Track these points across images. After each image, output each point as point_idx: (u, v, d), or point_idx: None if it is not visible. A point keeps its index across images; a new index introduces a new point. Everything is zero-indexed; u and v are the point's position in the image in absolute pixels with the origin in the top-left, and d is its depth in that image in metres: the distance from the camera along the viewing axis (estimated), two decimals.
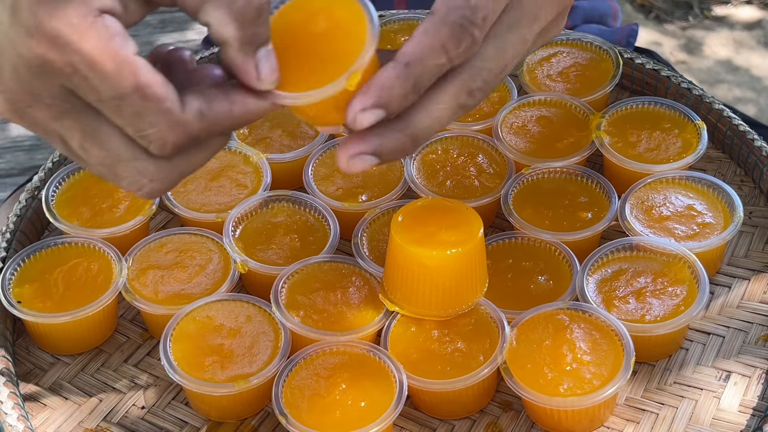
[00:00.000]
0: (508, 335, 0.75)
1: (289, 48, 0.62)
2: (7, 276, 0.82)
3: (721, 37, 2.44)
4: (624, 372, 0.72)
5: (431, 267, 0.74)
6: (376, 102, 0.61)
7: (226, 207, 0.88)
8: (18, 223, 0.89)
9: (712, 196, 0.86)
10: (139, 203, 0.89)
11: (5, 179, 2.11)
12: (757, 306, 0.83)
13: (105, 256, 0.84)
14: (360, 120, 0.61)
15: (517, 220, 0.84)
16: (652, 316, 0.77)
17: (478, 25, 0.61)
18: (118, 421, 0.78)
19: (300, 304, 0.79)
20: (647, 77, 0.99)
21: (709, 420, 0.75)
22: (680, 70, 2.32)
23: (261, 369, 0.75)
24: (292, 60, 0.62)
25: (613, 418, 0.76)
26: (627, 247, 0.81)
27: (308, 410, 0.72)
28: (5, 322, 0.83)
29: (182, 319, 0.78)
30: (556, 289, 0.80)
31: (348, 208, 0.87)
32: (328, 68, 0.62)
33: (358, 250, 0.82)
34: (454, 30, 0.60)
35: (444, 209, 0.76)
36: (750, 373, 0.78)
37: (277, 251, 0.85)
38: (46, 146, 2.17)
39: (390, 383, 0.73)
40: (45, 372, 0.82)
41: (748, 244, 0.88)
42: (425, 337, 0.76)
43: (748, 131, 0.92)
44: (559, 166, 0.89)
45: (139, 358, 0.83)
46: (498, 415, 0.77)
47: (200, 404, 0.78)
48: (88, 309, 0.80)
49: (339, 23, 0.63)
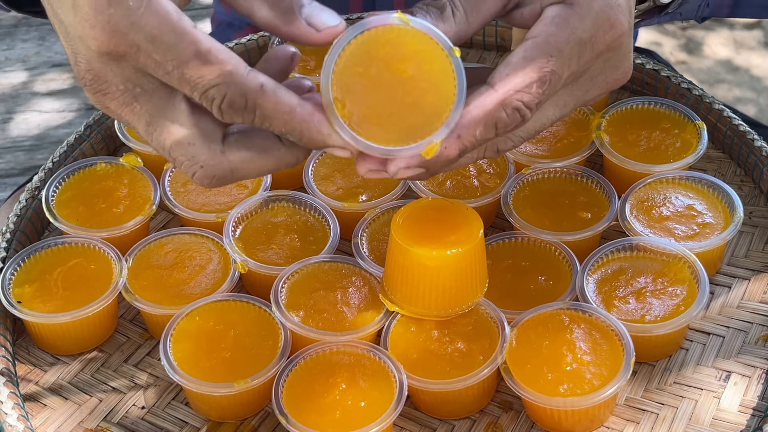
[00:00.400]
0: (508, 335, 0.75)
1: (371, 80, 0.62)
2: (7, 276, 0.82)
3: (721, 37, 2.44)
4: (624, 372, 0.72)
5: (431, 267, 0.74)
6: (422, 164, 0.64)
7: (226, 207, 0.88)
8: (18, 223, 0.89)
9: (712, 196, 0.86)
10: (139, 203, 0.89)
11: (5, 179, 2.12)
12: (757, 306, 0.83)
13: (105, 256, 0.84)
14: (401, 174, 0.65)
15: (517, 220, 0.84)
16: (652, 316, 0.77)
17: (532, 110, 0.64)
18: (118, 421, 0.78)
19: (300, 304, 0.79)
20: (647, 77, 0.99)
21: (709, 420, 0.75)
22: (680, 70, 2.32)
23: (261, 369, 0.75)
24: (372, 93, 0.62)
25: (613, 418, 0.76)
26: (627, 247, 0.81)
27: (308, 410, 0.72)
28: (5, 322, 0.83)
29: (182, 319, 0.78)
30: (556, 289, 0.80)
31: (348, 208, 0.87)
32: (407, 118, 0.62)
33: (358, 250, 0.82)
34: (510, 113, 0.64)
35: (444, 209, 0.76)
36: (750, 373, 0.78)
37: (277, 251, 0.85)
38: (46, 146, 2.18)
39: (390, 383, 0.73)
40: (45, 372, 0.82)
41: (748, 244, 0.88)
42: (425, 337, 0.76)
43: (748, 131, 0.92)
44: (559, 166, 0.89)
45: (139, 358, 0.83)
46: (498, 415, 0.77)
47: (200, 404, 0.78)
48: (88, 309, 0.80)
49: (429, 72, 0.62)
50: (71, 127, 2.21)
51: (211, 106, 0.61)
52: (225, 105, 0.61)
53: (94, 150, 0.98)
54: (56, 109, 2.27)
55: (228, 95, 0.60)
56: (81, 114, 2.25)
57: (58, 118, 2.25)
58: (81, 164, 0.92)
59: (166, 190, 0.90)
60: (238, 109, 0.61)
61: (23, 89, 2.31)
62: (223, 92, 0.60)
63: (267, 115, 0.61)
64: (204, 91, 0.60)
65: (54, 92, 2.30)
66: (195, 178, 0.64)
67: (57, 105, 2.27)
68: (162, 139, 0.63)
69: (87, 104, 2.27)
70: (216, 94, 0.60)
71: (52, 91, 2.31)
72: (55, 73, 2.35)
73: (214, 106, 0.61)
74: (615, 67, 0.70)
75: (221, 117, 0.61)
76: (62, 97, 2.29)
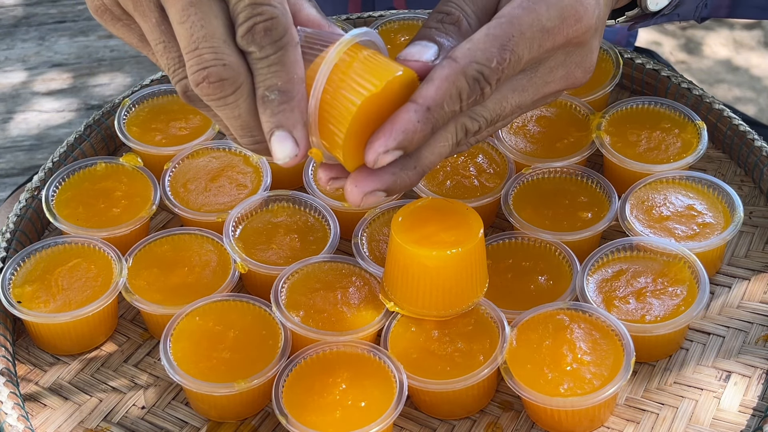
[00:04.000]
0: (508, 335, 0.75)
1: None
2: (7, 276, 0.82)
3: (720, 37, 2.44)
4: (624, 372, 0.72)
5: (431, 267, 0.74)
6: (399, 145, 0.65)
7: (226, 207, 0.88)
8: (18, 223, 0.89)
9: (712, 196, 0.86)
10: (139, 203, 0.89)
11: (5, 179, 2.12)
12: (757, 306, 0.83)
13: (105, 256, 0.84)
14: (381, 161, 0.66)
15: (517, 220, 0.84)
16: (652, 316, 0.77)
17: (491, 84, 0.67)
18: (118, 421, 0.78)
19: (300, 304, 0.79)
20: (647, 77, 0.99)
21: (709, 420, 0.75)
22: (680, 70, 2.32)
23: (261, 369, 0.75)
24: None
25: (613, 418, 0.76)
26: (627, 247, 0.81)
27: (308, 410, 0.72)
28: (5, 322, 0.83)
29: (182, 319, 0.78)
30: (556, 289, 0.80)
31: (348, 208, 0.87)
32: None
33: (358, 250, 0.82)
34: (470, 83, 0.66)
35: (444, 209, 0.76)
36: (750, 373, 0.78)
37: (277, 251, 0.85)
38: (46, 146, 2.18)
39: (390, 383, 0.73)
40: (45, 372, 0.82)
41: (748, 244, 0.88)
42: (425, 337, 0.76)
43: (748, 131, 0.92)
44: (559, 166, 0.89)
45: (139, 358, 0.83)
46: (498, 415, 0.77)
47: (200, 404, 0.78)
48: (88, 309, 0.80)
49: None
50: (71, 127, 2.21)
51: (250, 22, 0.62)
52: (263, 27, 0.62)
53: (94, 150, 0.98)
54: (56, 109, 2.27)
55: (274, 21, 0.62)
56: (81, 114, 2.25)
57: (58, 118, 2.25)
58: (81, 164, 0.92)
59: (166, 190, 0.90)
60: (272, 38, 0.62)
61: (23, 89, 2.31)
62: (271, 14, 0.62)
63: (283, 62, 0.63)
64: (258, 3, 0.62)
65: (54, 92, 2.30)
66: (210, 71, 0.63)
67: (57, 105, 2.27)
68: (196, 26, 0.63)
69: (87, 104, 2.27)
70: (264, 13, 0.62)
71: (52, 91, 2.31)
72: (55, 73, 2.35)
73: (251, 22, 0.62)
74: (577, 63, 0.73)
75: (248, 37, 0.63)
76: (62, 97, 2.29)
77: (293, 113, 0.64)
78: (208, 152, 0.93)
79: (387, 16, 1.04)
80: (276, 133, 0.65)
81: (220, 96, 0.64)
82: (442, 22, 0.70)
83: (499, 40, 0.66)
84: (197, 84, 0.64)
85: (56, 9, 2.50)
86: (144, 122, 0.96)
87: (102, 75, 2.34)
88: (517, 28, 0.67)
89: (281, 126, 0.64)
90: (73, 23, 2.46)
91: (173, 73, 0.67)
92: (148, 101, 0.98)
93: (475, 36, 0.67)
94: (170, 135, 0.95)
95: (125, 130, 0.95)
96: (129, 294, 0.81)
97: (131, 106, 0.97)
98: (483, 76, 0.66)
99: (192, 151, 0.92)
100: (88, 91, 2.30)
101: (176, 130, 0.95)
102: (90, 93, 2.30)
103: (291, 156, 0.65)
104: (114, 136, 0.99)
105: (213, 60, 0.63)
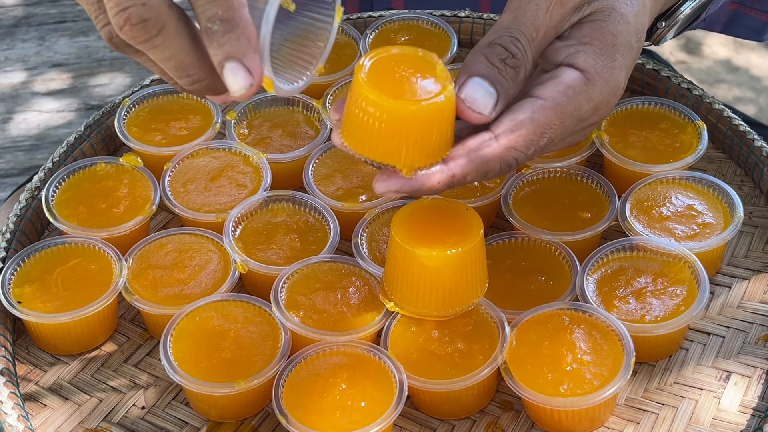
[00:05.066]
0: (508, 335, 0.75)
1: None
2: (7, 276, 0.82)
3: (721, 37, 2.44)
4: (624, 372, 0.72)
5: (431, 267, 0.74)
6: (411, 194, 0.70)
7: (226, 207, 0.88)
8: (18, 223, 0.89)
9: (712, 196, 0.86)
10: (139, 203, 0.89)
11: (5, 179, 2.12)
12: (757, 306, 0.83)
13: (105, 256, 0.84)
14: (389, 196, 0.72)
15: (517, 220, 0.84)
16: (652, 316, 0.77)
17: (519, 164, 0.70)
18: (118, 421, 0.78)
19: (300, 304, 0.79)
20: (647, 77, 0.99)
21: (709, 420, 0.75)
22: (680, 70, 2.32)
23: (261, 369, 0.75)
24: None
25: (613, 418, 0.76)
26: (627, 247, 0.81)
27: (308, 410, 0.72)
28: (5, 322, 0.83)
29: (182, 319, 0.78)
30: (556, 289, 0.80)
31: (348, 208, 0.87)
32: None
33: (358, 250, 0.82)
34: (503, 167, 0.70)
35: (444, 209, 0.76)
36: (750, 373, 0.78)
37: (277, 251, 0.85)
38: (46, 146, 2.18)
39: (390, 383, 0.73)
40: (45, 372, 0.82)
41: (748, 244, 0.88)
42: (425, 337, 0.76)
43: (748, 131, 0.92)
44: (559, 166, 0.89)
45: (139, 358, 0.83)
46: (498, 415, 0.77)
47: (200, 404, 0.78)
48: (88, 309, 0.80)
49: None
50: (71, 127, 2.21)
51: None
52: None
53: (94, 150, 0.98)
54: (56, 109, 2.26)
55: None
56: (81, 114, 2.25)
57: (58, 118, 2.25)
58: (81, 164, 0.92)
59: (166, 190, 0.90)
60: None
61: (23, 89, 2.31)
62: None
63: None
64: None
65: (54, 92, 2.30)
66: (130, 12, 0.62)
67: (57, 105, 2.27)
68: None
69: (87, 104, 2.27)
70: None
71: (52, 91, 2.31)
72: (55, 73, 2.35)
73: None
74: (586, 135, 0.76)
75: None
76: (62, 97, 2.29)
77: (239, 41, 0.63)
78: (208, 152, 0.93)
79: (387, 16, 1.04)
80: (226, 65, 0.63)
81: (145, 38, 0.62)
82: (505, 64, 0.70)
83: (541, 127, 0.69)
84: (120, 27, 0.62)
85: (56, 9, 2.50)
86: (144, 122, 0.96)
87: (102, 75, 2.34)
88: (558, 116, 0.69)
89: (230, 56, 0.63)
90: (73, 23, 2.46)
91: (96, 19, 0.65)
92: (148, 101, 0.98)
93: (519, 116, 0.69)
94: (170, 135, 0.95)
95: (125, 130, 0.95)
96: (129, 294, 0.81)
97: (131, 106, 0.97)
98: (516, 162, 0.70)
99: (192, 151, 0.92)
100: (88, 91, 2.30)
101: (176, 130, 0.95)
102: (90, 93, 2.30)
103: (246, 86, 0.64)
104: (114, 136, 0.99)
105: (132, 0, 0.62)
